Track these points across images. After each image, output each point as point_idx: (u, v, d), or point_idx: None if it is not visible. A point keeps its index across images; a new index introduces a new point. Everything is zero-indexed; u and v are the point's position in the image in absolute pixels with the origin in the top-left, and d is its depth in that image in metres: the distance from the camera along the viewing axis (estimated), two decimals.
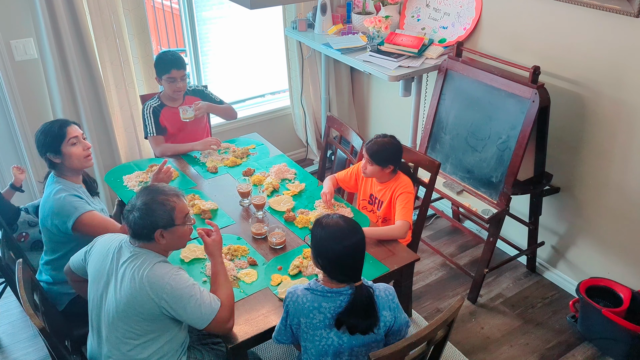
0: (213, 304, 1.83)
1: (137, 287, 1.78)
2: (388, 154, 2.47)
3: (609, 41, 2.53)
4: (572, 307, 2.88)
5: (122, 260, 1.85)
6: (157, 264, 1.82)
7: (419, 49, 3.16)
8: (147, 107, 3.01)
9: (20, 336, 2.83)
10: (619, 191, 2.71)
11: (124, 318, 1.81)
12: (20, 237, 2.72)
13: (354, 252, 1.75)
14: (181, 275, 1.82)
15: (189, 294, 1.79)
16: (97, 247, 1.96)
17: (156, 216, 1.81)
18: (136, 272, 1.80)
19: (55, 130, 2.25)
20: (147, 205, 1.81)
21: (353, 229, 1.77)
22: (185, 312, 1.79)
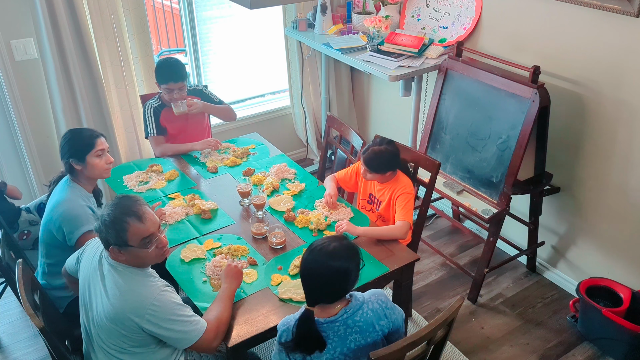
0: (199, 326, 1.80)
1: (119, 306, 1.74)
2: (384, 162, 2.47)
3: (609, 41, 2.53)
4: (572, 307, 2.88)
5: (103, 270, 1.83)
6: (141, 280, 1.79)
7: (419, 49, 3.16)
8: (148, 107, 3.01)
9: (20, 336, 2.84)
10: (619, 191, 2.71)
11: (107, 331, 1.79)
12: (22, 235, 2.72)
13: (308, 276, 1.70)
14: (166, 295, 1.78)
15: (173, 317, 1.76)
16: (86, 251, 1.95)
17: (108, 233, 1.76)
18: (118, 290, 1.76)
19: (86, 139, 2.30)
20: (103, 220, 1.77)
21: (321, 255, 1.69)
22: (168, 333, 1.77)
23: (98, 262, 1.86)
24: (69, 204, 2.24)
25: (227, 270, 2.04)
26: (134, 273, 1.81)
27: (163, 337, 1.79)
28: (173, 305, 1.78)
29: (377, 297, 1.78)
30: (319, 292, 1.71)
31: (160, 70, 2.92)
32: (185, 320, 1.79)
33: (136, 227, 1.76)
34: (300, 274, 1.73)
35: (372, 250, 2.30)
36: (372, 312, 1.74)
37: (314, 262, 1.69)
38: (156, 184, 2.75)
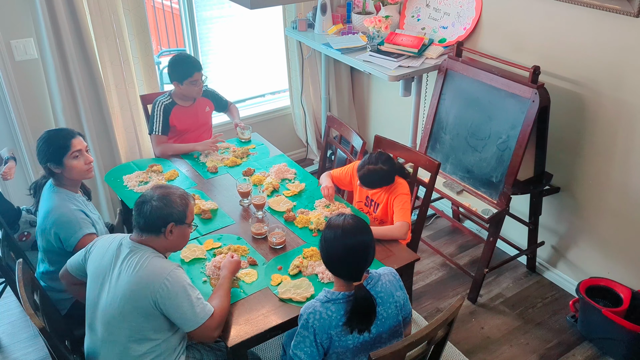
0: (206, 309, 1.84)
1: (134, 281, 1.79)
2: (378, 180, 2.48)
3: (609, 41, 2.53)
4: (572, 307, 2.88)
5: (121, 256, 1.87)
6: (156, 259, 1.84)
7: (419, 49, 3.16)
8: (158, 104, 3.01)
9: (20, 336, 2.84)
10: (619, 191, 2.71)
11: (120, 314, 1.82)
12: (22, 236, 2.72)
13: (354, 252, 1.75)
14: (179, 274, 1.84)
15: (184, 294, 1.80)
16: (97, 245, 1.97)
17: (173, 208, 1.86)
18: (134, 266, 1.81)
19: (60, 141, 2.23)
20: (165, 198, 1.86)
21: (355, 230, 1.76)
22: (177, 311, 1.80)
23: (116, 249, 1.89)
24: (59, 211, 2.19)
25: (225, 262, 2.09)
26: (153, 254, 1.86)
27: (172, 314, 1.81)
28: (185, 284, 1.82)
29: (390, 271, 1.89)
30: (362, 265, 1.77)
31: (180, 67, 2.92)
32: (194, 301, 1.82)
33: (192, 206, 1.95)
34: (335, 255, 1.75)
35: None
36: (389, 284, 1.83)
37: (349, 238, 1.74)
38: (156, 184, 2.75)
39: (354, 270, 1.76)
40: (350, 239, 1.74)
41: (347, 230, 1.75)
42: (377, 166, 2.45)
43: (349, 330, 1.75)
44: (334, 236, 1.75)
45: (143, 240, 1.88)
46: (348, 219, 1.79)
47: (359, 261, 1.76)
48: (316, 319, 1.74)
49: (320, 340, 1.75)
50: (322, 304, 1.76)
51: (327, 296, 1.77)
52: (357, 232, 1.76)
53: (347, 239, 1.74)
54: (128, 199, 2.65)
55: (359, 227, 1.78)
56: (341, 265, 1.76)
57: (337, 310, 1.75)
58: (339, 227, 1.76)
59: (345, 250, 1.74)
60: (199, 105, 3.12)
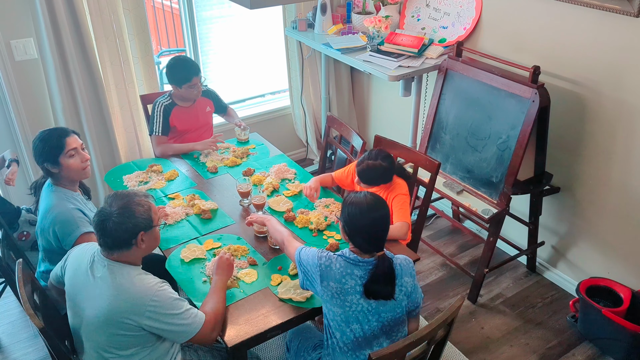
0: (197, 319, 1.82)
1: (116, 306, 1.73)
2: (377, 177, 2.47)
3: (609, 41, 2.53)
4: (572, 307, 2.88)
5: (96, 275, 1.80)
6: (137, 278, 1.79)
7: (419, 49, 3.16)
8: (158, 105, 3.01)
9: (20, 336, 2.84)
10: (619, 191, 2.71)
11: (103, 334, 1.78)
12: (22, 236, 2.72)
13: (379, 223, 1.86)
14: (164, 291, 1.79)
15: (173, 310, 1.77)
16: (70, 261, 1.93)
17: (137, 218, 1.78)
18: (115, 289, 1.75)
19: (54, 140, 2.21)
20: (126, 208, 1.77)
21: (379, 204, 1.89)
22: (168, 328, 1.78)
23: (89, 266, 1.84)
24: (57, 210, 2.19)
25: (219, 263, 2.07)
26: (130, 272, 1.80)
27: (163, 332, 1.79)
28: (171, 300, 1.79)
29: (405, 258, 1.95)
30: (384, 236, 1.90)
31: (179, 71, 2.93)
32: (184, 314, 1.80)
33: (153, 204, 1.89)
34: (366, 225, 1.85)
35: None
36: (400, 267, 1.90)
37: (372, 212, 1.86)
38: (156, 184, 2.75)
39: (379, 241, 1.88)
40: (375, 212, 1.86)
41: (371, 205, 1.87)
42: (376, 162, 2.44)
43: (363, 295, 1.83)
44: (360, 211, 1.86)
45: (115, 258, 1.80)
46: (368, 195, 1.90)
47: (383, 232, 1.89)
48: (325, 264, 1.86)
49: (318, 282, 1.86)
50: (337, 256, 1.88)
51: (343, 252, 1.89)
52: (380, 206, 1.89)
53: (372, 213, 1.86)
54: None
55: (380, 201, 1.91)
56: (368, 236, 1.85)
57: (344, 267, 1.84)
58: (363, 202, 1.88)
59: (371, 222, 1.85)
60: (200, 105, 3.12)
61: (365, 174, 2.47)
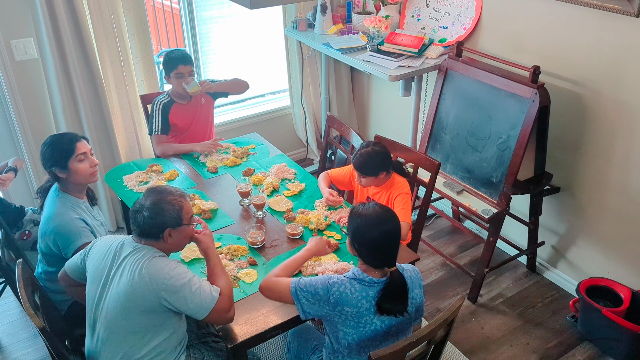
0: (213, 293, 1.85)
1: (137, 279, 1.79)
2: (375, 163, 2.44)
3: (609, 41, 2.53)
4: (572, 307, 2.88)
5: (123, 255, 1.87)
6: (157, 257, 1.85)
7: (419, 49, 3.16)
8: (156, 104, 3.02)
9: (20, 336, 2.83)
10: (619, 191, 2.71)
11: (123, 312, 1.82)
12: (23, 235, 2.72)
13: (390, 237, 1.79)
14: (180, 268, 1.85)
15: (189, 284, 1.81)
16: (96, 247, 1.96)
17: (166, 215, 1.84)
18: (136, 265, 1.81)
19: (64, 145, 2.23)
20: (157, 205, 1.84)
21: (388, 217, 1.82)
22: (185, 302, 1.80)
23: (117, 249, 1.89)
24: (60, 218, 2.19)
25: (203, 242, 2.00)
26: (154, 253, 1.86)
27: (181, 308, 1.81)
28: (188, 277, 1.82)
29: (412, 268, 1.91)
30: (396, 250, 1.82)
31: (167, 59, 2.95)
32: (199, 290, 1.82)
33: (187, 205, 1.92)
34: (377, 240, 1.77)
35: None
36: (411, 280, 1.85)
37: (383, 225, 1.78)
38: (156, 184, 2.75)
39: (391, 256, 1.81)
40: (385, 224, 1.79)
41: (381, 217, 1.80)
42: (368, 148, 2.43)
43: (377, 313, 1.78)
44: (369, 223, 1.78)
45: (144, 243, 1.89)
46: (376, 207, 1.83)
47: (395, 246, 1.82)
48: (339, 290, 1.78)
49: (329, 306, 1.78)
50: (350, 280, 1.80)
51: (355, 274, 1.81)
52: (390, 218, 1.81)
53: (383, 225, 1.79)
54: (128, 199, 2.65)
55: (389, 212, 1.83)
56: (379, 252, 1.79)
57: (360, 291, 1.78)
58: (372, 214, 1.80)
59: (382, 236, 1.78)
60: (196, 99, 3.11)
61: (361, 163, 2.44)
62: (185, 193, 1.96)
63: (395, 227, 1.81)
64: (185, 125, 3.11)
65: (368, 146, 2.45)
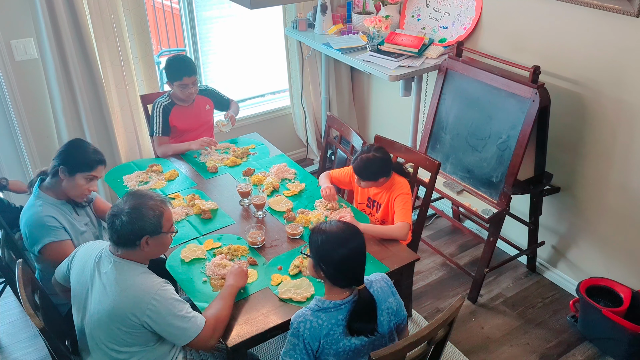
0: (197, 323, 1.81)
1: (119, 301, 1.75)
2: (375, 170, 2.45)
3: (609, 41, 2.53)
4: (572, 307, 2.88)
5: (102, 270, 1.81)
6: (141, 276, 1.79)
7: (419, 49, 3.16)
8: (157, 106, 3.01)
9: (20, 336, 2.83)
10: (620, 191, 2.71)
11: (106, 330, 1.79)
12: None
13: (357, 254, 1.74)
14: (165, 292, 1.79)
15: (173, 311, 1.77)
16: (77, 257, 1.93)
17: (145, 221, 1.78)
18: (118, 286, 1.76)
19: (89, 158, 2.20)
20: (137, 210, 1.77)
21: (353, 232, 1.76)
22: (167, 329, 1.77)
23: (95, 263, 1.85)
24: (29, 212, 2.16)
25: (237, 270, 2.06)
26: (137, 270, 1.81)
27: (162, 332, 1.79)
28: (173, 301, 1.78)
29: (382, 277, 1.84)
30: (363, 268, 1.76)
31: (172, 68, 2.93)
32: (184, 317, 1.79)
33: (168, 212, 1.86)
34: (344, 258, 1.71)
35: (372, 250, 2.30)
36: (381, 290, 1.79)
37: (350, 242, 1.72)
38: (156, 184, 2.76)
39: (359, 274, 1.75)
40: (352, 241, 1.73)
41: (346, 234, 1.73)
42: (369, 154, 2.43)
43: (349, 335, 1.72)
44: (336, 241, 1.72)
45: (121, 255, 1.82)
46: (339, 224, 1.76)
47: (362, 263, 1.76)
48: (306, 328, 1.71)
49: (310, 348, 1.73)
50: (313, 312, 1.73)
51: (318, 305, 1.75)
52: (355, 234, 1.75)
53: (350, 243, 1.72)
54: None
55: (352, 229, 1.76)
56: (347, 270, 1.73)
57: (328, 319, 1.72)
58: (336, 232, 1.73)
59: (350, 253, 1.72)
60: (199, 104, 3.12)
61: (361, 168, 2.45)
62: (167, 199, 1.89)
63: (361, 245, 1.74)
64: (185, 128, 3.11)
65: (369, 151, 2.45)
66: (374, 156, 2.43)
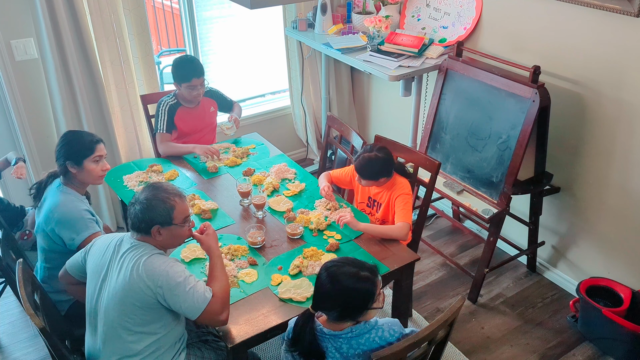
0: (206, 294, 1.85)
1: (135, 275, 1.81)
2: (376, 169, 2.45)
3: (609, 41, 2.53)
4: (573, 307, 2.88)
5: (122, 251, 1.89)
6: (155, 255, 1.86)
7: (419, 49, 3.16)
8: (163, 104, 3.01)
9: (20, 336, 2.84)
10: (620, 191, 2.71)
11: (120, 307, 1.83)
12: (23, 235, 2.72)
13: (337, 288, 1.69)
14: (177, 266, 1.86)
15: (184, 283, 1.82)
16: (96, 245, 1.98)
17: (155, 212, 1.85)
18: (134, 261, 1.83)
19: (86, 143, 2.27)
20: (149, 201, 1.86)
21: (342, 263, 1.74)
22: (179, 300, 1.81)
23: (116, 246, 1.91)
24: (65, 208, 2.20)
25: (206, 242, 2.00)
26: (152, 250, 1.88)
27: (174, 305, 1.82)
28: (183, 276, 1.83)
29: (390, 326, 1.74)
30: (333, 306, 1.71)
31: (180, 69, 2.93)
32: (193, 290, 1.83)
33: (181, 205, 1.90)
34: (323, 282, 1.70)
35: (372, 250, 2.30)
36: (379, 339, 1.71)
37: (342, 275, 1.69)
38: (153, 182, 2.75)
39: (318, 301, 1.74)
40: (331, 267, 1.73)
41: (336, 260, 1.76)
42: (371, 154, 2.44)
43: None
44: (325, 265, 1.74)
45: (140, 239, 1.90)
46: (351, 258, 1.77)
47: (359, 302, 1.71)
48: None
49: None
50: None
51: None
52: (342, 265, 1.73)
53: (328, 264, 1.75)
54: (128, 199, 2.65)
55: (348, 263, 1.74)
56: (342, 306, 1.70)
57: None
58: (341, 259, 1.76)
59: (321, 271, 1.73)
60: (204, 106, 3.11)
61: (363, 168, 2.46)
62: (182, 193, 1.94)
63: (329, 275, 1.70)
64: (189, 130, 3.10)
65: (372, 151, 2.45)
66: (376, 156, 2.44)
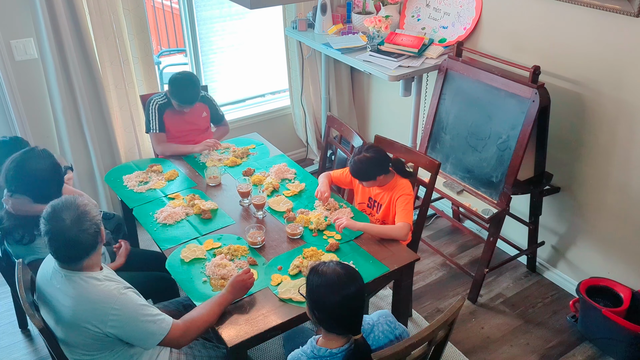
0: (163, 325, 1.77)
1: (74, 317, 1.70)
2: (369, 169, 2.45)
3: (609, 41, 2.54)
4: (572, 307, 2.88)
5: (56, 285, 1.76)
6: (95, 289, 1.72)
7: (419, 49, 3.16)
8: (153, 103, 3.00)
9: (20, 336, 2.83)
10: (619, 191, 2.71)
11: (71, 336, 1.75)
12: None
13: (352, 302, 1.60)
14: (127, 297, 1.74)
15: (137, 317, 1.73)
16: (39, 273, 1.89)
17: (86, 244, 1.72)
18: (71, 302, 1.71)
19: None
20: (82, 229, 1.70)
21: (351, 278, 1.62)
22: (133, 334, 1.74)
23: (49, 279, 1.80)
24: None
25: (236, 281, 1.99)
26: (89, 280, 1.74)
27: (129, 339, 1.76)
28: (135, 306, 1.74)
29: (385, 318, 1.75)
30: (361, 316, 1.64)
31: (175, 89, 2.92)
32: (150, 320, 1.76)
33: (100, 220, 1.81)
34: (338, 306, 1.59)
35: (372, 250, 2.30)
36: (383, 335, 1.72)
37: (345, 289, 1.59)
38: (156, 184, 2.76)
39: (355, 324, 1.63)
40: (347, 289, 1.60)
41: (342, 280, 1.60)
42: (360, 155, 2.44)
43: None
44: (330, 286, 1.60)
45: (69, 269, 1.75)
46: (337, 267, 1.63)
47: (357, 313, 1.63)
48: None
49: None
50: (310, 359, 1.65)
51: (314, 352, 1.65)
52: (353, 281, 1.62)
53: (344, 290, 1.59)
54: (128, 199, 2.65)
55: (351, 274, 1.63)
56: (338, 319, 1.61)
57: None
58: (331, 276, 1.61)
59: (344, 302, 1.59)
60: (196, 109, 3.07)
61: (356, 171, 2.47)
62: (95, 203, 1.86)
63: (358, 292, 1.61)
64: (177, 133, 3.07)
65: (360, 153, 2.45)
66: (364, 157, 2.44)
